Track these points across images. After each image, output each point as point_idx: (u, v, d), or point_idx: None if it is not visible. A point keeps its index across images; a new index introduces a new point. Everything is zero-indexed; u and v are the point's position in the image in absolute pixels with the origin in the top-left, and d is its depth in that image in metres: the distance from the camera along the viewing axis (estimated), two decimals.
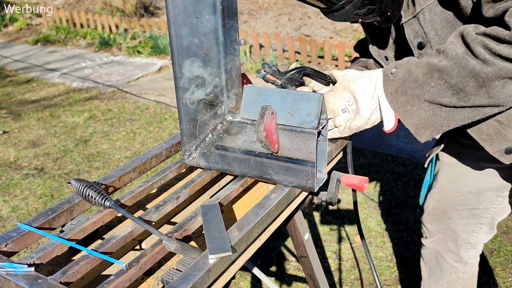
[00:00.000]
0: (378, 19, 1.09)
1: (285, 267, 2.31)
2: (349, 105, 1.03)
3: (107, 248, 0.81)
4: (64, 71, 5.91)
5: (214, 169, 1.08)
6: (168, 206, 0.96)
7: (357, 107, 1.03)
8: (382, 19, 1.08)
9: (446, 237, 1.45)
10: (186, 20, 0.91)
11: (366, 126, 1.05)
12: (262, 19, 7.03)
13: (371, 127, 1.07)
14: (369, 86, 1.02)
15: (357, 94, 1.02)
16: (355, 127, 1.05)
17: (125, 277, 0.74)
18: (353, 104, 1.03)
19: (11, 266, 0.76)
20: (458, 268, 1.46)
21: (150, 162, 1.15)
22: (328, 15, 1.04)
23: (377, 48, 1.26)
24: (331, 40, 5.91)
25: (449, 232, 1.44)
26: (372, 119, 1.04)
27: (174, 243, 0.78)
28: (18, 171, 3.41)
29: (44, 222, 0.89)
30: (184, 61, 0.96)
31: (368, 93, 1.02)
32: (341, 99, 1.04)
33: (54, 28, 7.78)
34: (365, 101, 1.02)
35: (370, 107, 1.02)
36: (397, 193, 2.87)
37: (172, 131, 3.94)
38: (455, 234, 1.42)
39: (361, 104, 1.02)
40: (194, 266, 0.75)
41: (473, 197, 1.36)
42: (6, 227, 2.73)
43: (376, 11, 1.02)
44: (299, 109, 0.93)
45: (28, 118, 4.44)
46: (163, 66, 5.90)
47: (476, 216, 1.38)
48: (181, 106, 1.03)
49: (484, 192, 1.33)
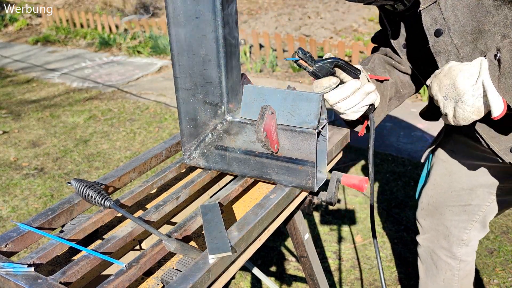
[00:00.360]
0: (391, 2, 1.06)
1: (285, 267, 2.31)
2: (448, 92, 0.99)
3: (107, 248, 0.82)
4: (64, 71, 5.91)
5: (214, 169, 1.08)
6: (168, 206, 0.96)
7: (457, 94, 0.97)
8: (396, 3, 1.06)
9: (438, 234, 1.47)
10: (186, 20, 0.91)
11: (473, 116, 0.98)
12: (262, 19, 7.03)
13: (479, 117, 1.00)
14: (471, 72, 0.96)
15: (458, 80, 0.96)
16: (461, 116, 0.99)
17: (125, 277, 0.74)
18: (453, 91, 0.98)
19: (11, 266, 0.76)
20: (452, 265, 1.47)
21: (150, 162, 1.15)
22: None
23: (395, 36, 1.23)
24: (331, 40, 5.91)
25: (442, 228, 1.45)
26: (477, 105, 0.96)
27: (174, 243, 0.78)
28: (18, 171, 3.41)
29: (44, 222, 0.89)
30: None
31: (470, 79, 0.95)
32: (441, 86, 1.01)
33: (54, 28, 7.78)
34: (466, 87, 0.96)
35: (472, 93, 0.95)
36: (397, 193, 2.87)
37: (172, 131, 3.94)
38: (447, 230, 1.44)
39: (461, 90, 0.96)
40: (194, 266, 0.75)
41: (465, 194, 1.37)
42: (6, 227, 2.73)
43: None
44: (299, 109, 0.93)
45: (28, 118, 4.44)
46: (163, 66, 5.89)
47: (468, 213, 1.39)
48: (181, 106, 1.03)
49: (476, 189, 1.35)
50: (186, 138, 1.07)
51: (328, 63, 1.06)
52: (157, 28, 6.77)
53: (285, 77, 5.19)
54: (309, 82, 5.00)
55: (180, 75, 0.98)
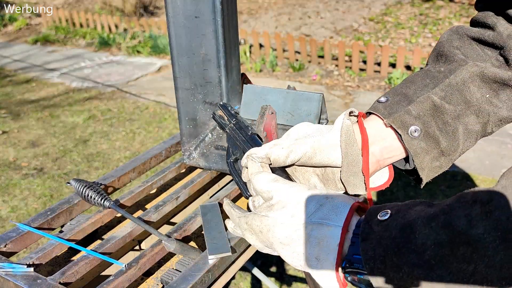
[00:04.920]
0: None
1: (285, 267, 2.31)
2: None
3: (106, 248, 0.81)
4: (63, 71, 5.90)
5: (213, 169, 1.07)
6: (168, 206, 0.96)
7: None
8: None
9: None
10: (186, 20, 0.91)
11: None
12: (262, 18, 7.04)
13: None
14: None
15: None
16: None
17: (125, 278, 0.73)
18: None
19: (10, 266, 0.75)
20: None
21: (150, 162, 1.15)
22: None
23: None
24: (331, 40, 5.91)
25: None
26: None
27: (173, 243, 0.78)
28: (18, 171, 3.40)
29: (43, 222, 0.89)
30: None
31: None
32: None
33: (53, 28, 7.77)
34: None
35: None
36: (397, 193, 2.87)
37: (172, 131, 3.94)
38: None
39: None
40: (194, 266, 0.75)
41: None
42: (6, 227, 2.72)
43: None
44: (299, 109, 0.93)
45: (27, 118, 4.43)
46: (163, 66, 5.89)
47: None
48: (181, 106, 1.03)
49: None
50: (185, 138, 1.07)
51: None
52: (156, 27, 6.77)
53: (285, 77, 5.19)
54: (309, 82, 5.00)
55: (180, 75, 0.98)
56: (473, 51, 0.67)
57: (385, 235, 0.46)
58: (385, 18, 6.40)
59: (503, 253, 0.39)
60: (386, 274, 0.45)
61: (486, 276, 0.39)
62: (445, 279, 0.42)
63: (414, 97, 0.64)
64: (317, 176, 0.66)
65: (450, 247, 0.41)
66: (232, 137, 0.73)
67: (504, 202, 0.40)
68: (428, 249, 0.42)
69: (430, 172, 0.64)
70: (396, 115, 0.62)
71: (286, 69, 5.39)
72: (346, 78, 4.98)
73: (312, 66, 5.36)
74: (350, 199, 0.54)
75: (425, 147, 0.62)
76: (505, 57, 0.63)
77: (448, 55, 0.68)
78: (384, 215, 0.48)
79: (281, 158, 0.61)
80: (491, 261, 0.39)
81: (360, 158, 0.61)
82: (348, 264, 0.49)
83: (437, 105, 0.62)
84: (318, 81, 4.97)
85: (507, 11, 0.64)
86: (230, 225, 0.61)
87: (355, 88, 4.76)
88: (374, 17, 6.45)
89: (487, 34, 0.66)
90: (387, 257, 0.45)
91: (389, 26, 6.20)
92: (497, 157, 3.23)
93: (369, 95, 4.57)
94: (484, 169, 3.08)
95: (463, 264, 0.40)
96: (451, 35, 0.70)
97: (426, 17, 6.31)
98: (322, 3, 7.43)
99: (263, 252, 0.59)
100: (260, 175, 0.58)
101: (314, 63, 5.38)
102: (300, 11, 7.12)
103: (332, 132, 0.62)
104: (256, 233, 0.56)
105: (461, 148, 0.64)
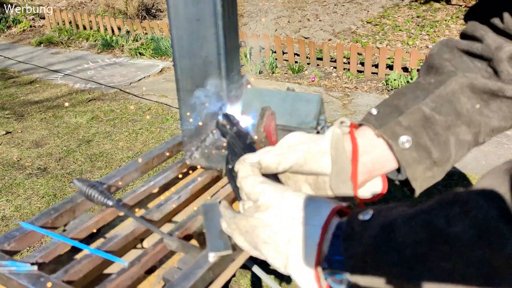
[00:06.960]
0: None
1: None
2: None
3: (109, 246, 0.83)
4: (67, 72, 5.93)
5: (214, 168, 1.09)
6: (169, 205, 0.97)
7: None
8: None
9: None
10: (187, 23, 0.93)
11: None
12: (262, 21, 7.05)
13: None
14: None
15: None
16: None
17: (127, 275, 0.75)
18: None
19: (14, 265, 0.77)
20: None
21: (152, 162, 1.16)
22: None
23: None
24: (329, 42, 5.91)
25: None
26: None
27: (175, 241, 0.79)
28: (21, 171, 3.43)
29: (47, 221, 0.91)
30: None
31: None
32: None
33: (57, 29, 7.80)
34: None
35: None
36: (395, 193, 2.87)
37: (174, 132, 3.95)
38: None
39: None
40: (195, 264, 0.76)
41: None
42: (9, 226, 2.74)
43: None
44: (298, 110, 0.94)
45: (31, 118, 4.46)
46: (165, 67, 5.91)
47: None
48: (183, 107, 1.04)
49: None
50: (187, 139, 1.08)
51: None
52: (158, 30, 6.79)
53: (284, 79, 5.20)
54: (308, 83, 5.01)
55: (182, 76, 1.00)
56: (463, 63, 0.67)
57: (365, 234, 0.46)
58: (383, 20, 6.41)
59: (480, 251, 0.39)
60: (367, 272, 0.45)
61: (465, 274, 0.40)
62: (424, 277, 0.42)
63: (404, 108, 0.64)
64: (309, 185, 0.67)
65: (429, 245, 0.42)
66: (232, 144, 0.75)
67: (482, 202, 0.41)
68: (408, 247, 0.43)
69: (424, 182, 0.65)
70: (386, 126, 0.62)
71: (285, 71, 5.40)
72: (344, 80, 4.99)
73: (311, 68, 5.37)
74: (333, 202, 0.54)
75: (417, 157, 0.62)
76: (494, 69, 0.64)
77: (438, 67, 0.69)
78: (366, 215, 0.48)
79: (273, 164, 0.62)
80: (469, 259, 0.40)
81: (349, 166, 0.62)
82: (328, 265, 0.49)
83: (427, 116, 0.63)
84: (317, 82, 4.98)
85: (495, 23, 0.65)
86: (224, 225, 0.63)
87: (353, 89, 4.76)
88: (372, 19, 6.45)
89: (475, 47, 0.67)
90: (368, 256, 0.45)
91: (386, 28, 6.20)
92: (493, 157, 3.23)
93: (367, 96, 4.58)
94: (481, 168, 3.08)
95: (442, 262, 0.41)
96: (441, 47, 0.71)
97: (424, 20, 6.31)
98: (321, 6, 7.44)
99: (252, 254, 0.60)
100: (249, 178, 0.59)
101: (313, 65, 5.38)
102: (299, 14, 7.13)
103: (323, 139, 0.63)
104: (243, 233, 0.57)
105: (453, 158, 0.64)
